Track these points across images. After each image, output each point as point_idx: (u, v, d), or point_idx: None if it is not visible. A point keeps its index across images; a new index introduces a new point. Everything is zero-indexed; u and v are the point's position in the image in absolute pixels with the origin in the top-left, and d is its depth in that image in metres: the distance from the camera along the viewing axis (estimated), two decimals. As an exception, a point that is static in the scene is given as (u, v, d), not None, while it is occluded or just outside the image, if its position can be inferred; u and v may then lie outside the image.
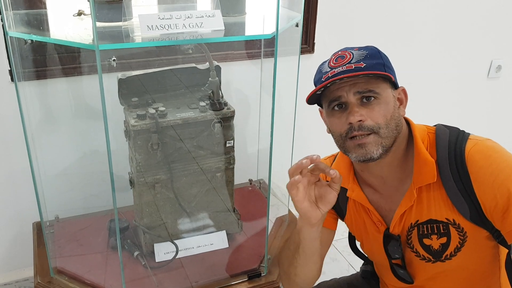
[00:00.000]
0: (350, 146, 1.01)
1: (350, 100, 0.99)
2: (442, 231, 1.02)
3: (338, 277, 1.42)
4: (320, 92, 1.02)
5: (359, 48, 1.02)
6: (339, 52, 1.03)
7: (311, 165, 0.99)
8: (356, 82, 0.98)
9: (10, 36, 1.20)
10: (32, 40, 1.15)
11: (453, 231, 1.01)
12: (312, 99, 1.05)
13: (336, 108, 1.02)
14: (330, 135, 1.08)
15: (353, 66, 0.97)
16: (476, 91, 2.56)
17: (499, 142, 1.02)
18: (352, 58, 0.99)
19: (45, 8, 1.41)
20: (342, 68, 0.98)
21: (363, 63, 0.98)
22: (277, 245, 1.53)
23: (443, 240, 1.03)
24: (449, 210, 1.01)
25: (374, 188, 1.11)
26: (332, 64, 1.01)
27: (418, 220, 1.04)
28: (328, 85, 0.98)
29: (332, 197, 1.01)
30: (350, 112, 0.98)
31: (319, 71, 1.04)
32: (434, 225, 1.03)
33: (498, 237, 0.99)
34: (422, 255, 1.06)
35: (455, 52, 2.39)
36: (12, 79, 1.59)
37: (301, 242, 1.10)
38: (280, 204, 1.71)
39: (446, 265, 1.05)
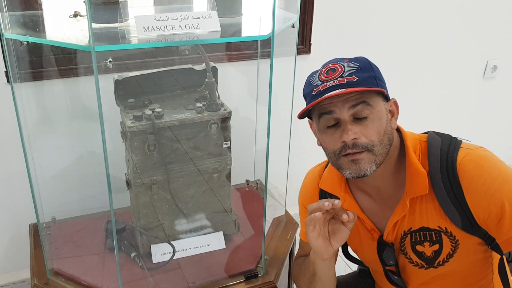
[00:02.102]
0: (344, 163, 1.00)
1: (343, 117, 0.97)
2: (434, 238, 1.03)
3: (335, 276, 1.42)
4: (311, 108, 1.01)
5: (350, 60, 1.00)
6: (330, 65, 1.01)
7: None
8: (348, 96, 0.96)
9: (5, 38, 1.19)
10: (28, 42, 1.15)
11: (445, 238, 1.02)
12: (302, 113, 1.04)
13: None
14: (319, 146, 1.08)
15: (345, 80, 0.96)
16: (472, 91, 2.57)
17: (495, 143, 1.03)
18: (344, 71, 0.97)
19: (41, 9, 1.41)
20: (334, 82, 0.96)
21: (355, 77, 0.96)
22: (274, 245, 1.53)
23: (436, 247, 1.03)
24: (441, 219, 1.01)
25: (368, 195, 1.11)
26: (323, 77, 0.99)
27: (411, 228, 1.05)
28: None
29: (345, 234, 1.02)
30: (344, 130, 0.97)
31: (309, 84, 1.02)
32: (427, 233, 1.03)
33: (490, 243, 1.00)
34: (415, 261, 1.07)
35: (451, 52, 2.40)
36: (8, 81, 1.59)
37: (316, 273, 1.11)
38: (277, 205, 1.71)
39: (438, 270, 1.06)
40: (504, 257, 1.10)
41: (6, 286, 1.85)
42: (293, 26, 1.43)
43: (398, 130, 1.07)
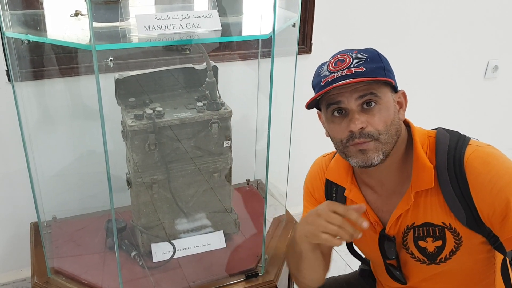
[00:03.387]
0: (351, 152, 1.00)
1: (351, 106, 0.97)
2: (437, 234, 1.02)
3: (336, 276, 1.42)
4: (319, 97, 1.01)
5: (359, 51, 1.00)
6: (338, 56, 1.01)
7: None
8: (356, 87, 0.97)
9: (7, 37, 1.20)
10: (29, 41, 1.15)
11: (448, 235, 1.02)
12: (310, 104, 1.04)
13: (336, 113, 1.00)
14: (327, 136, 1.08)
15: (353, 71, 0.96)
16: (473, 91, 2.57)
17: (496, 143, 1.03)
18: (352, 62, 0.97)
19: (42, 8, 1.41)
20: (342, 72, 0.96)
21: (363, 67, 0.96)
22: (275, 245, 1.53)
23: (438, 243, 1.03)
24: (446, 214, 1.01)
25: (372, 189, 1.11)
26: (331, 68, 0.99)
27: (414, 223, 1.05)
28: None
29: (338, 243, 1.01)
30: (351, 119, 0.97)
31: (318, 74, 1.02)
32: (430, 228, 1.03)
33: (494, 242, 0.99)
34: (417, 256, 1.07)
35: (452, 53, 2.40)
36: (9, 80, 1.59)
37: (302, 253, 1.09)
38: (278, 204, 1.71)
39: (440, 267, 1.05)
40: (507, 259, 1.09)
41: (7, 285, 1.85)
42: (294, 26, 1.43)
43: (407, 124, 1.07)
